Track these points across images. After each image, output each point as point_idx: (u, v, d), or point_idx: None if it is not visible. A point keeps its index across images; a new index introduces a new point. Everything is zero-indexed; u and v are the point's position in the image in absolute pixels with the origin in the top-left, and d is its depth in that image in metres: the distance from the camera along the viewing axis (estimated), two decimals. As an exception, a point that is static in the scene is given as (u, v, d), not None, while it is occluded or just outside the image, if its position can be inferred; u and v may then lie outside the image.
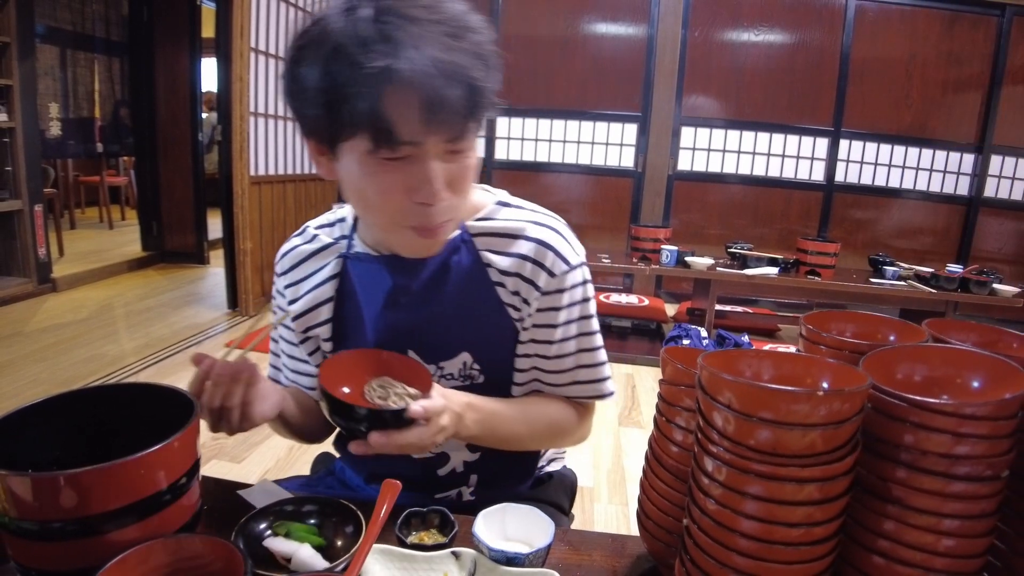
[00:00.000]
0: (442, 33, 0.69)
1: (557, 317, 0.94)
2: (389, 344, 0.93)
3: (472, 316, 0.93)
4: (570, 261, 0.93)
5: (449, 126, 0.72)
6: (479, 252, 0.92)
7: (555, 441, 1.05)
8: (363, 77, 0.67)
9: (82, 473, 0.59)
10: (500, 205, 0.95)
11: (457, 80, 0.69)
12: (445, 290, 0.92)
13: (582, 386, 0.99)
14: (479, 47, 0.71)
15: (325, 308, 0.98)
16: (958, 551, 0.56)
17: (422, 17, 0.69)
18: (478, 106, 0.72)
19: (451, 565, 0.71)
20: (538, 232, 0.92)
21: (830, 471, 0.54)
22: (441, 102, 0.69)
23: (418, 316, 0.93)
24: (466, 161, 0.78)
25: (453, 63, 0.68)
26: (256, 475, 2.37)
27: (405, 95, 0.68)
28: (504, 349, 0.96)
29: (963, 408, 0.53)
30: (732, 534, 0.57)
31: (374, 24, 0.68)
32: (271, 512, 0.78)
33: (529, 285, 0.91)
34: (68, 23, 5.21)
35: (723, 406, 0.56)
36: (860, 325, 0.76)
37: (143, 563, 0.59)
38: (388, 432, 0.75)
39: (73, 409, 0.74)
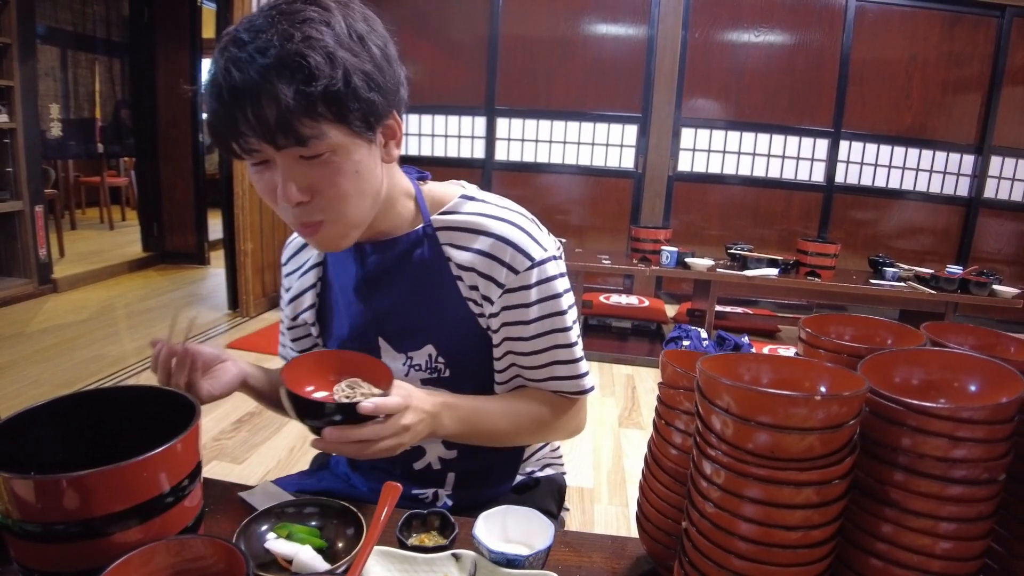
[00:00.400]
0: (250, 51, 0.72)
1: (527, 313, 0.94)
2: (361, 330, 0.98)
3: (434, 309, 0.95)
4: (533, 256, 0.92)
5: (264, 137, 0.74)
6: (441, 246, 0.93)
7: (544, 435, 1.05)
8: (204, 96, 0.77)
9: (85, 475, 0.59)
10: (465, 199, 0.96)
11: (252, 96, 0.72)
12: (405, 280, 0.95)
13: (560, 381, 0.99)
14: (290, 60, 0.72)
15: (309, 294, 1.05)
16: (955, 554, 0.56)
17: (244, 39, 0.73)
18: (291, 115, 0.73)
19: (451, 567, 0.72)
20: (498, 227, 0.92)
21: (828, 474, 0.54)
22: (241, 119, 0.73)
23: (384, 305, 0.96)
24: (328, 166, 0.79)
25: (248, 79, 0.71)
26: (257, 476, 2.37)
27: (217, 115, 0.75)
28: (467, 343, 0.97)
29: (960, 412, 0.53)
30: (730, 537, 0.57)
31: (218, 49, 0.75)
32: (273, 514, 0.78)
33: (488, 281, 0.92)
34: (69, 24, 5.22)
35: (721, 410, 0.56)
36: (859, 328, 0.77)
37: (146, 565, 0.60)
38: (342, 428, 0.76)
39: (76, 411, 0.75)
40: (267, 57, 0.71)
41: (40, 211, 4.31)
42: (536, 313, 0.94)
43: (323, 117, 0.75)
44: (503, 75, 5.16)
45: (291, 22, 0.73)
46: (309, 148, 0.76)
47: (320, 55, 0.72)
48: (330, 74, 0.73)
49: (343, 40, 0.75)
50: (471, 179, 1.04)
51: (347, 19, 0.77)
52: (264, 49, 0.72)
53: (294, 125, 0.73)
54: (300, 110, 0.73)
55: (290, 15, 0.74)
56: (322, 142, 0.76)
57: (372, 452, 0.79)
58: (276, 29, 0.72)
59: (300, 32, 0.73)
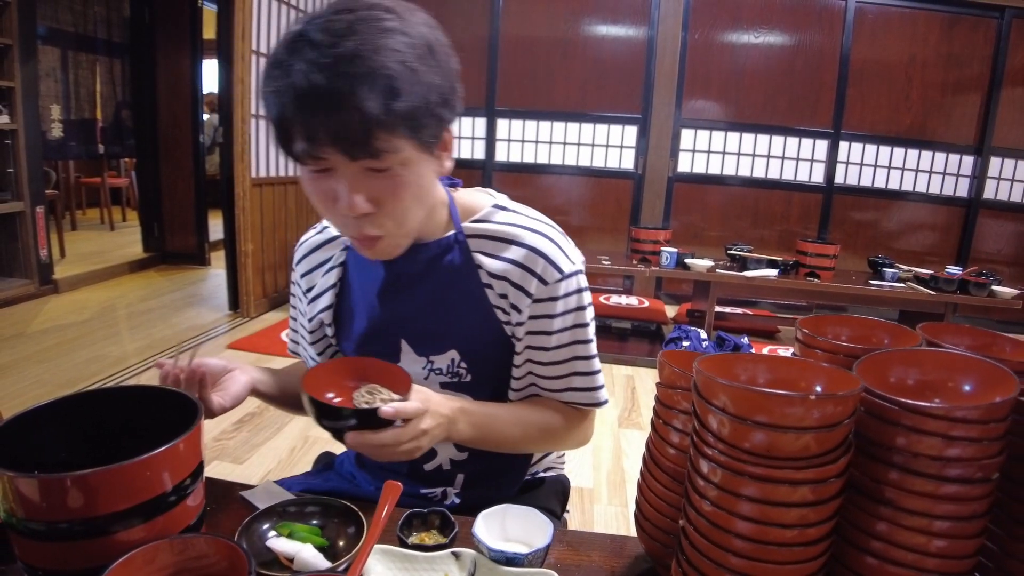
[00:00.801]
0: (335, 56, 0.70)
1: (552, 324, 0.95)
2: (382, 333, 0.97)
3: (461, 315, 0.95)
4: (563, 269, 0.93)
5: (341, 148, 0.73)
6: (472, 253, 0.93)
7: (552, 444, 1.06)
8: (266, 97, 0.75)
9: (89, 474, 0.60)
10: (497, 208, 0.96)
11: (337, 105, 0.70)
12: (434, 286, 0.94)
13: (576, 392, 1.00)
14: (377, 71, 0.71)
15: (328, 295, 1.03)
16: (949, 552, 0.57)
17: (322, 41, 0.71)
18: (373, 128, 0.72)
19: (451, 565, 0.72)
20: (531, 239, 0.93)
21: (823, 473, 0.55)
22: (321, 127, 0.72)
23: (408, 309, 0.96)
24: (393, 178, 0.78)
25: (333, 87, 0.70)
26: (258, 476, 2.38)
27: (291, 119, 0.73)
28: (491, 350, 0.97)
29: (954, 411, 0.54)
30: (727, 535, 0.58)
31: (287, 46, 0.73)
32: (274, 513, 0.79)
33: (519, 291, 0.92)
34: (70, 25, 5.22)
35: (718, 409, 0.57)
36: (855, 329, 0.77)
37: (149, 563, 0.60)
38: (362, 432, 0.77)
39: (78, 412, 0.75)
40: (354, 66, 0.70)
41: (41, 212, 4.31)
42: (561, 324, 0.95)
43: (400, 132, 0.74)
44: (503, 76, 5.17)
45: (372, 31, 0.72)
46: (381, 161, 0.75)
47: (405, 69, 0.72)
48: (413, 90, 0.73)
49: (421, 53, 0.75)
50: (471, 181, 1.04)
51: (419, 29, 0.76)
52: (349, 57, 0.70)
53: (373, 138, 0.73)
54: (382, 124, 0.72)
55: (370, 22, 0.72)
56: (394, 156, 0.75)
57: (391, 455, 0.79)
58: (359, 37, 0.71)
59: (384, 43, 0.71)
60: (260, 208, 4.27)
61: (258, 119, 4.14)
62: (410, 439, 0.79)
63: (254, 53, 4.02)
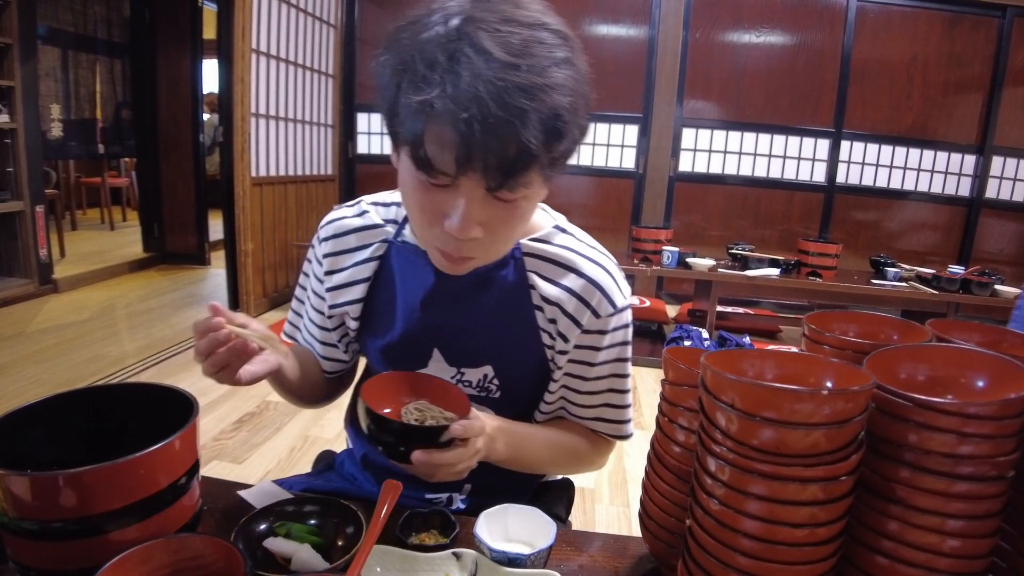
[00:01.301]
0: (510, 81, 0.63)
1: (596, 356, 0.94)
2: (416, 338, 0.93)
3: (504, 332, 0.92)
4: (616, 304, 0.91)
5: (487, 176, 0.68)
6: (526, 272, 0.91)
7: (573, 468, 1.06)
8: (412, 100, 0.66)
9: (82, 473, 0.59)
10: (557, 230, 0.94)
11: (502, 135, 0.64)
12: (484, 300, 0.91)
13: (605, 423, 1.00)
14: (549, 108, 0.66)
15: (358, 288, 0.97)
16: (962, 552, 0.55)
17: (497, 57, 0.63)
18: (528, 166, 0.68)
19: (452, 566, 0.71)
20: (590, 269, 0.90)
21: (834, 471, 0.54)
22: (476, 151, 0.65)
23: (451, 319, 0.92)
24: (513, 209, 0.74)
25: (504, 118, 0.63)
26: (257, 476, 2.36)
27: (443, 131, 0.66)
28: (527, 370, 0.96)
29: (967, 408, 0.53)
30: (735, 534, 0.57)
31: (447, 45, 0.65)
32: (271, 512, 0.78)
33: (570, 321, 0.90)
34: (70, 24, 5.22)
35: (726, 406, 0.55)
36: (863, 325, 0.76)
37: (143, 563, 0.59)
38: (430, 450, 0.73)
39: (73, 409, 0.74)
40: (529, 98, 0.64)
41: (41, 211, 4.30)
42: (603, 358, 0.94)
43: (544, 169, 0.71)
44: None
45: (547, 59, 0.66)
46: (512, 194, 0.71)
47: (571, 110, 0.69)
48: (572, 132, 0.70)
49: (584, 91, 0.71)
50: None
51: (582, 58, 0.72)
52: (525, 86, 0.64)
53: (523, 175, 0.69)
54: (538, 164, 0.68)
55: (543, 46, 0.67)
56: (526, 190, 0.72)
57: (445, 475, 0.77)
58: (534, 62, 0.65)
59: (557, 76, 0.67)
60: (260, 207, 4.25)
61: (258, 118, 4.13)
62: (469, 458, 0.77)
63: (254, 52, 4.01)
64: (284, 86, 4.45)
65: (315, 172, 5.02)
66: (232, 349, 0.80)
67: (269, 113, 4.28)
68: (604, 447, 1.04)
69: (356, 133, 5.46)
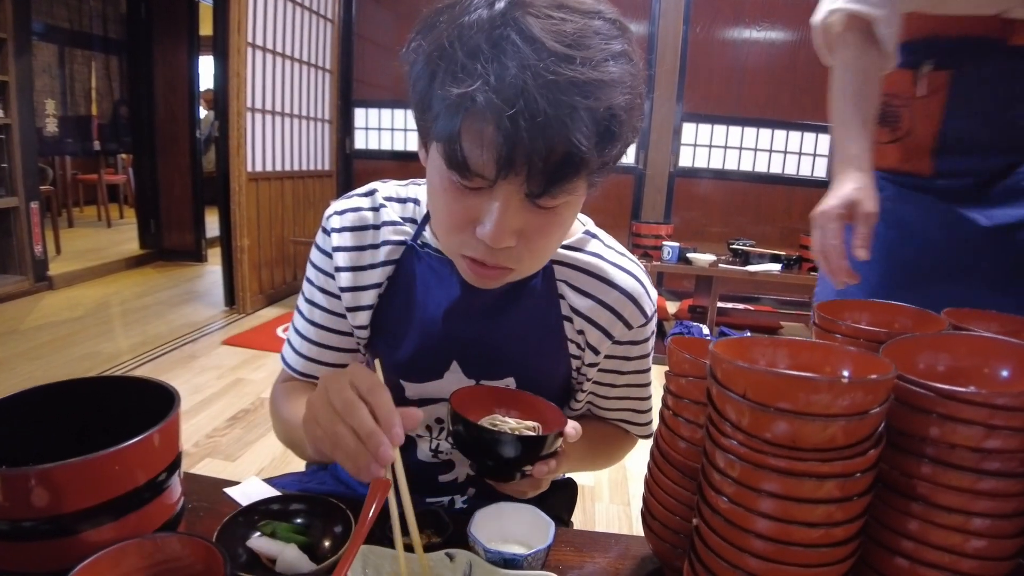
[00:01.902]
0: (562, 75, 0.56)
1: (624, 365, 0.91)
2: (436, 350, 0.86)
3: (530, 343, 0.87)
4: (647, 313, 0.88)
5: (530, 180, 0.61)
6: (556, 281, 0.86)
7: (606, 464, 1.05)
8: (450, 92, 0.59)
9: (53, 469, 0.56)
10: (588, 236, 0.89)
11: (551, 135, 0.57)
12: (514, 311, 0.85)
13: (630, 425, 1.00)
14: (605, 108, 0.59)
15: (371, 293, 0.87)
16: (987, 553, 0.52)
17: (549, 46, 0.56)
18: (576, 171, 0.61)
19: (445, 567, 0.68)
20: (622, 280, 0.86)
21: (851, 467, 0.50)
22: (521, 152, 0.58)
23: (476, 331, 0.85)
24: (553, 218, 0.67)
25: (555, 116, 0.56)
26: (250, 474, 2.33)
27: (483, 128, 0.59)
28: (551, 380, 0.91)
29: (995, 398, 0.49)
30: (746, 535, 0.53)
31: (491, 31, 0.58)
32: (257, 511, 0.74)
33: (602, 334, 0.87)
34: (65, 20, 5.19)
35: (737, 396, 0.52)
36: (876, 314, 0.73)
37: (115, 566, 0.56)
38: (547, 460, 0.71)
39: (54, 403, 0.71)
40: (583, 94, 0.57)
41: (36, 208, 4.27)
42: (631, 367, 0.92)
43: (591, 175, 0.65)
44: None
45: (602, 51, 0.59)
46: (556, 200, 0.64)
47: (626, 109, 0.62)
48: (625, 134, 0.63)
49: (638, 88, 0.64)
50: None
51: (638, 52, 0.65)
52: (579, 81, 0.57)
53: (568, 181, 0.62)
54: (584, 169, 0.61)
55: (599, 37, 0.60)
56: (569, 196, 0.65)
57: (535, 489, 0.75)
58: (590, 54, 0.58)
59: (613, 72, 0.59)
60: (256, 203, 4.22)
61: (254, 113, 4.10)
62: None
63: (250, 46, 3.98)
64: (281, 81, 4.41)
65: (312, 168, 4.98)
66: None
67: (265, 108, 4.24)
68: (628, 442, 1.04)
69: (354, 128, 5.43)
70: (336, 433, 0.61)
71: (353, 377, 0.63)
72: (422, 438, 0.96)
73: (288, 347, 0.96)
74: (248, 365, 3.36)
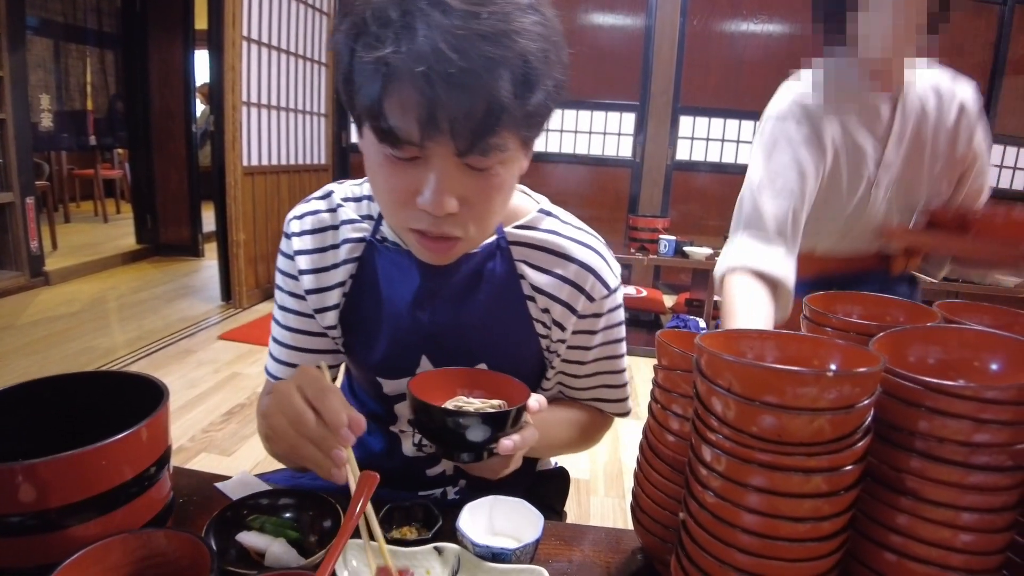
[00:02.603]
0: (471, 30, 0.58)
1: (591, 340, 0.90)
2: (408, 345, 0.87)
3: (497, 327, 0.87)
4: (610, 285, 0.88)
5: (456, 137, 0.62)
6: (514, 262, 0.86)
7: (582, 446, 1.03)
8: (366, 62, 0.61)
9: (40, 464, 0.56)
10: (543, 214, 0.89)
11: (467, 88, 0.59)
12: (476, 297, 0.85)
13: (603, 402, 0.98)
14: (516, 55, 0.60)
15: (335, 292, 0.88)
16: (976, 547, 0.52)
17: (455, 6, 0.58)
18: (499, 122, 0.62)
19: (433, 562, 0.67)
20: (582, 253, 0.86)
21: (839, 460, 0.50)
22: (441, 110, 0.60)
23: (442, 321, 0.86)
24: (491, 180, 0.68)
25: (468, 68, 0.58)
26: (246, 469, 2.33)
27: (404, 93, 0.60)
28: (523, 363, 0.91)
29: (985, 392, 0.49)
30: (732, 529, 0.53)
31: (401, 2, 0.60)
32: (246, 505, 0.74)
33: (565, 309, 0.86)
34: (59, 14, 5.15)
35: (723, 390, 0.51)
36: (867, 307, 0.72)
37: (100, 561, 0.55)
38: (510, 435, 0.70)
39: (44, 399, 0.70)
40: (494, 45, 0.59)
41: (31, 203, 4.25)
42: (599, 340, 0.91)
43: (519, 129, 0.66)
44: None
45: (511, 5, 0.61)
46: (487, 159, 0.65)
47: (541, 57, 0.63)
48: (544, 82, 0.64)
49: (555, 39, 0.65)
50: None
51: (550, 8, 0.67)
52: (490, 33, 0.59)
53: (494, 133, 0.62)
54: (509, 119, 0.62)
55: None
56: (501, 154, 0.66)
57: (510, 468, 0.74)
58: (497, 7, 0.60)
59: (524, 21, 0.61)
60: (252, 197, 4.21)
61: (249, 107, 4.08)
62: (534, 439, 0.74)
63: (245, 40, 3.96)
64: (276, 75, 4.39)
65: (308, 161, 4.96)
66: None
67: (261, 102, 4.22)
68: (605, 422, 1.02)
69: (350, 122, 5.40)
70: (293, 445, 0.65)
71: (301, 383, 0.65)
72: (405, 433, 0.96)
73: (269, 358, 0.97)
74: (244, 360, 3.36)
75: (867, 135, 1.30)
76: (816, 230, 1.34)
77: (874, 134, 1.30)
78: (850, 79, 1.27)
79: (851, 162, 1.30)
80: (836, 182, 1.31)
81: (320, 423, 0.63)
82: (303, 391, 0.65)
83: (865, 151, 1.30)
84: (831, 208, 1.32)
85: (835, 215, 1.33)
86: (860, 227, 1.35)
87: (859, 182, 1.31)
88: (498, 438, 0.69)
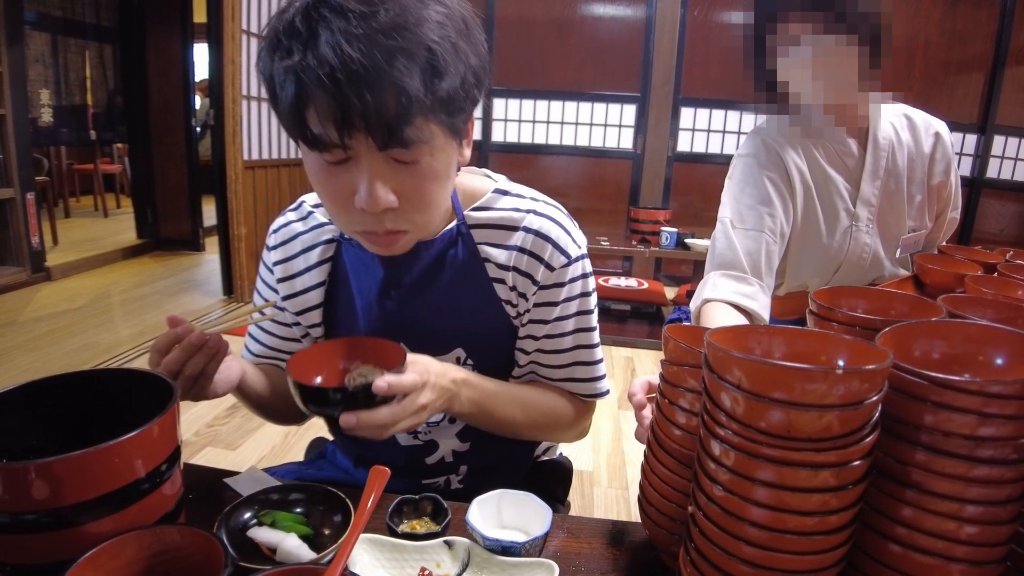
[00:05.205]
0: (371, 27, 0.62)
1: (553, 312, 0.90)
2: (382, 335, 0.87)
3: (467, 312, 0.88)
4: (570, 254, 0.88)
5: (373, 133, 0.65)
6: (477, 246, 0.87)
7: (552, 433, 1.02)
8: (280, 73, 0.65)
9: (54, 462, 0.56)
10: (498, 193, 0.90)
11: (374, 84, 0.62)
12: (440, 285, 0.87)
13: (577, 383, 0.97)
14: (418, 45, 0.63)
15: (316, 293, 0.94)
16: (980, 539, 0.52)
17: (353, 9, 0.62)
18: (411, 112, 0.65)
19: (444, 555, 0.68)
20: (537, 223, 0.87)
21: (847, 455, 0.50)
22: (353, 108, 0.63)
23: (411, 309, 0.88)
24: (422, 171, 0.71)
25: (372, 64, 0.61)
26: (251, 463, 2.34)
27: (318, 98, 0.64)
28: (499, 345, 0.92)
29: (989, 386, 0.49)
30: (741, 523, 0.53)
31: (306, 14, 0.64)
32: (257, 501, 0.75)
33: (526, 279, 0.87)
34: (57, 8, 5.14)
35: (732, 386, 0.52)
36: (872, 301, 0.73)
37: (115, 557, 0.56)
38: (357, 412, 0.70)
39: (53, 396, 0.71)
40: (394, 39, 0.62)
41: (31, 198, 4.25)
42: (563, 312, 0.91)
43: (436, 117, 0.68)
44: (499, 55, 5.09)
45: (409, 0, 0.64)
46: (411, 152, 0.68)
47: (447, 45, 0.65)
48: (455, 70, 0.66)
49: (459, 27, 0.68)
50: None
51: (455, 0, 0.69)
52: (388, 28, 0.62)
53: (410, 124, 0.65)
54: (421, 108, 0.65)
55: None
56: (425, 145, 0.69)
57: (391, 433, 0.74)
58: (392, 4, 0.63)
59: (424, 14, 0.64)
60: (253, 191, 4.21)
61: (249, 100, 4.07)
62: (409, 415, 0.73)
63: (244, 33, 3.95)
64: (276, 68, 4.37)
65: (309, 156, 4.95)
66: (207, 352, 0.76)
67: (261, 95, 4.21)
68: (583, 409, 1.00)
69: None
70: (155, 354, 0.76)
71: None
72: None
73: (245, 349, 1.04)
74: (247, 354, 3.36)
75: (839, 168, 1.30)
76: (802, 266, 1.35)
77: (846, 167, 1.30)
78: (806, 118, 1.26)
79: (823, 194, 1.31)
80: (811, 216, 1.31)
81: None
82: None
83: (837, 184, 1.30)
84: (812, 243, 1.33)
85: (819, 250, 1.34)
86: (849, 263, 1.35)
87: (836, 215, 1.31)
88: (333, 410, 0.71)
